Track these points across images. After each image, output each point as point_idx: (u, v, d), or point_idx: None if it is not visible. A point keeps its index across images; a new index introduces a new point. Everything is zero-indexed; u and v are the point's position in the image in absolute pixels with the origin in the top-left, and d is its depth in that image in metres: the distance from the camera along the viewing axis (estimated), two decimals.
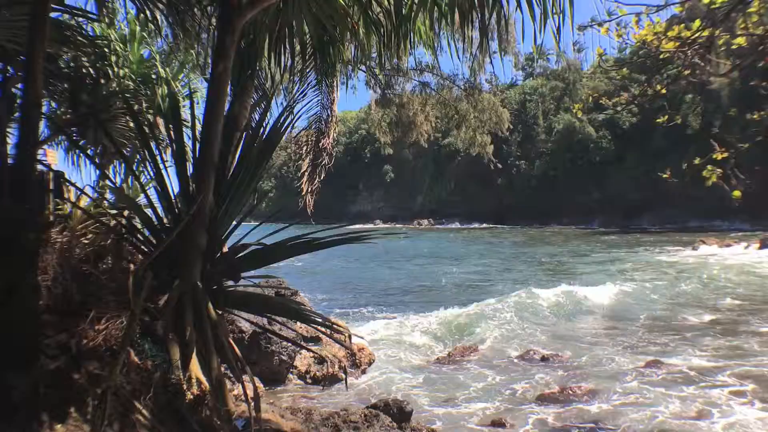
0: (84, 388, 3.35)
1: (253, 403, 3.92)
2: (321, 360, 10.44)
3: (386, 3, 5.69)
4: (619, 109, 57.66)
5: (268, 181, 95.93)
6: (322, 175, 14.48)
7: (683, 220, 61.27)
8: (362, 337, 11.51)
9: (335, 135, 14.64)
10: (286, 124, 5.10)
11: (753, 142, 5.85)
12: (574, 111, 70.28)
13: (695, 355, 12.09)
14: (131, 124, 6.68)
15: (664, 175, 7.94)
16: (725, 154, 5.82)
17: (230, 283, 4.66)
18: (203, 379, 3.78)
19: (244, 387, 4.01)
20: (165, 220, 4.51)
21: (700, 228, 54.49)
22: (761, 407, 8.86)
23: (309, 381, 10.38)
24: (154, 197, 4.59)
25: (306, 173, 14.52)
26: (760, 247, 33.31)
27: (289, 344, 9.68)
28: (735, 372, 10.70)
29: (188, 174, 4.51)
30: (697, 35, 4.80)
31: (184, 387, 3.67)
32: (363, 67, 17.81)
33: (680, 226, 59.54)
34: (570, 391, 9.86)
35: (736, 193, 5.75)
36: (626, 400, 9.48)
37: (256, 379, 9.24)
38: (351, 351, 11.20)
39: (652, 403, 9.17)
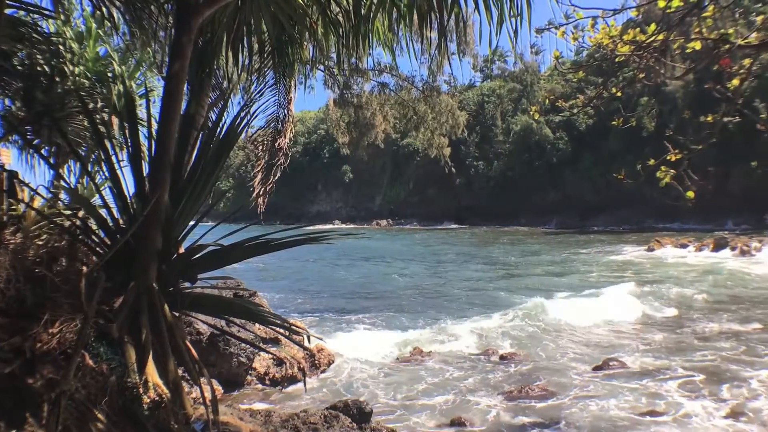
0: (39, 393, 3.27)
1: (211, 406, 3.88)
2: (280, 361, 10.39)
3: (345, 3, 5.67)
4: (575, 111, 58.40)
5: (226, 181, 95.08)
6: (277, 175, 14.37)
7: (639, 220, 62.24)
8: (321, 338, 11.47)
9: (292, 135, 14.56)
10: (243, 124, 5.05)
11: (706, 144, 5.96)
12: (531, 113, 70.99)
13: (645, 352, 12.36)
14: (86, 123, 6.57)
15: (619, 176, 8.06)
16: (679, 156, 5.92)
17: (187, 284, 4.59)
18: (160, 382, 3.72)
19: (201, 390, 3.97)
20: (120, 221, 4.43)
21: (655, 228, 55.51)
22: (710, 399, 9.11)
23: (268, 382, 10.33)
24: (109, 198, 4.51)
25: (260, 173, 14.40)
26: (713, 249, 33.95)
27: (248, 346, 9.61)
28: (684, 366, 11.10)
29: (144, 174, 4.44)
30: (652, 39, 4.88)
31: (141, 391, 3.61)
32: (321, 67, 17.77)
33: (636, 226, 60.51)
34: (529, 390, 9.98)
35: (690, 194, 5.86)
36: (582, 393, 9.67)
37: (214, 381, 9.17)
38: (310, 352, 11.16)
39: (607, 397, 9.37)
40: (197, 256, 4.61)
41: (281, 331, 6.15)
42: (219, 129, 4.92)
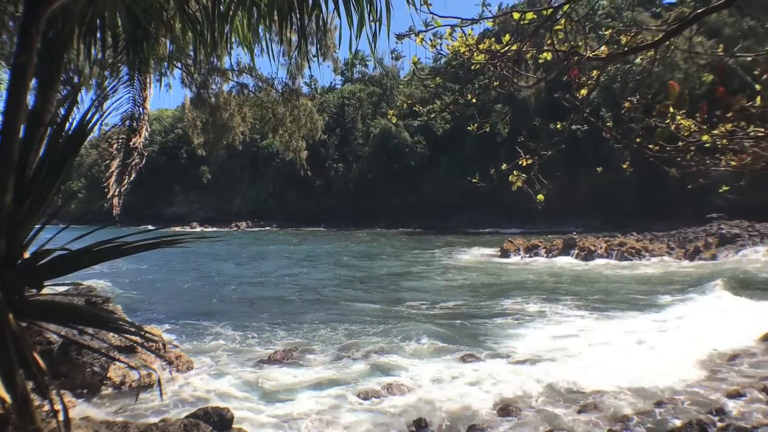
0: None
1: (63, 420, 3.66)
2: (137, 369, 10.00)
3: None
4: (432, 115, 59.95)
5: (78, 181, 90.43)
6: (132, 176, 13.83)
7: (494, 222, 64.43)
8: (177, 346, 11.16)
9: (147, 134, 14.05)
10: (94, 121, 4.80)
11: (555, 150, 6.26)
12: (389, 117, 72.16)
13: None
14: None
15: (474, 180, 8.34)
16: (530, 161, 6.19)
17: (34, 291, 4.31)
18: (6, 397, 3.47)
19: (51, 403, 3.73)
20: None
21: (508, 230, 57.93)
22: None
23: (125, 391, 9.90)
24: None
25: (114, 173, 13.79)
26: (561, 251, 35.72)
27: (102, 355, 9.18)
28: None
29: None
30: (506, 49, 5.06)
31: None
32: (179, 65, 17.25)
33: (491, 229, 62.75)
34: (390, 388, 10.16)
35: (540, 197, 6.14)
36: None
37: (67, 393, 8.69)
38: (166, 359, 10.81)
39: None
40: (44, 261, 4.33)
41: (135, 338, 5.90)
42: (68, 125, 4.65)
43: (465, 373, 11.12)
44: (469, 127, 7.72)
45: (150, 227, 59.27)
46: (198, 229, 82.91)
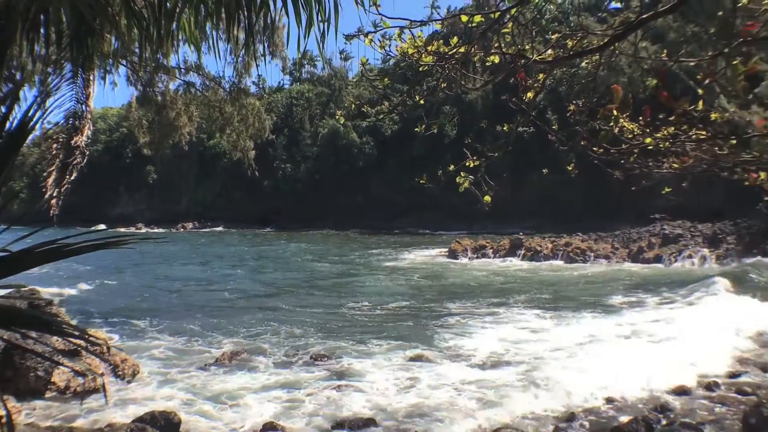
0: None
1: (6, 427, 3.56)
2: (81, 373, 9.78)
3: None
4: (381, 116, 60.02)
5: (20, 181, 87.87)
6: (74, 175, 13.50)
7: (442, 223, 64.70)
8: (121, 349, 10.96)
9: (90, 132, 13.75)
10: (36, 119, 4.68)
11: (502, 152, 6.34)
12: (337, 117, 71.98)
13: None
14: None
15: (421, 181, 8.39)
16: (477, 162, 6.25)
17: None
18: None
19: None
20: None
21: (456, 231, 58.33)
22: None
23: (69, 396, 9.68)
24: None
25: (54, 172, 13.43)
26: (508, 251, 36.14)
27: (46, 359, 8.97)
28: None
29: None
30: (454, 51, 5.11)
31: None
32: (125, 62, 16.94)
33: (439, 230, 63.15)
34: (340, 390, 10.16)
35: (487, 198, 6.21)
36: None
37: (11, 398, 8.45)
38: (111, 363, 10.60)
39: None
40: None
41: (79, 342, 5.78)
42: (9, 123, 4.52)
43: (415, 374, 11.17)
44: (417, 129, 7.75)
45: (103, 227, 58.17)
46: (143, 230, 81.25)
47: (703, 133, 5.49)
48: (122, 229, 68.30)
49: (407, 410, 9.22)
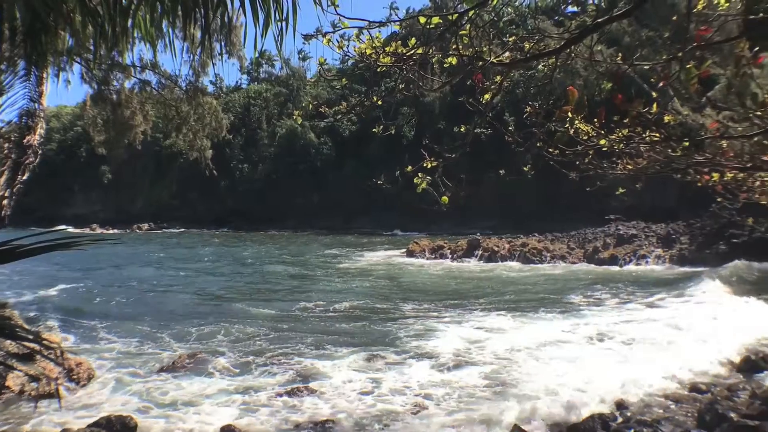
0: None
1: None
2: (35, 378, 9.57)
3: None
4: (339, 117, 60.05)
5: None
6: (26, 175, 13.20)
7: (399, 224, 64.93)
8: (75, 353, 10.74)
9: (43, 131, 13.45)
10: None
11: (459, 153, 6.36)
12: (295, 117, 71.63)
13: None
14: None
15: (379, 182, 8.37)
16: (435, 163, 6.27)
17: None
18: None
19: None
20: None
21: (413, 232, 58.63)
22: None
23: (24, 401, 9.46)
24: None
25: (6, 172, 13.11)
26: (465, 252, 36.29)
27: None
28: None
29: None
30: (412, 52, 5.10)
31: None
32: (79, 60, 16.62)
33: (396, 230, 63.40)
34: (298, 392, 10.10)
35: (444, 199, 6.23)
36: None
37: None
38: (65, 367, 10.38)
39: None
40: None
41: (32, 345, 5.63)
42: None
43: (375, 375, 11.16)
44: (374, 130, 7.73)
45: (64, 227, 56.86)
46: (98, 231, 79.68)
47: (657, 135, 5.58)
48: (77, 231, 66.86)
49: (367, 412, 9.20)
